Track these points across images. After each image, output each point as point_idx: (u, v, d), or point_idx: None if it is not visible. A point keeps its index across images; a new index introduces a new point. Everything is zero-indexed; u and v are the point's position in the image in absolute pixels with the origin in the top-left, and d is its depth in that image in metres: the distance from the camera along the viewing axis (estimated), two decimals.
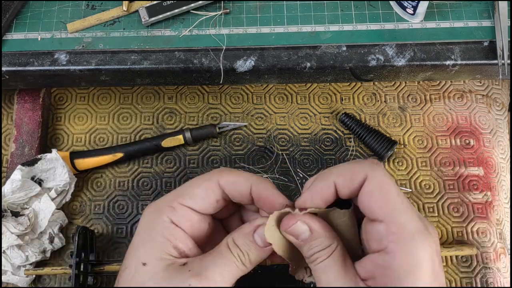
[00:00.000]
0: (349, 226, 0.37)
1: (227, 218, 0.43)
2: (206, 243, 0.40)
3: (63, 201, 0.59)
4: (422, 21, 0.54)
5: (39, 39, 0.55)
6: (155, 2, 0.55)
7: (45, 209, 0.56)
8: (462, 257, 0.58)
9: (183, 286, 0.33)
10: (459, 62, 0.53)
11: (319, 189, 0.36)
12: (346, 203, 0.37)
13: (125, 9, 0.55)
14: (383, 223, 0.33)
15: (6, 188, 0.55)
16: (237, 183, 0.38)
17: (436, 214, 0.59)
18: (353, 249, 0.37)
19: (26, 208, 0.56)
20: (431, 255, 0.32)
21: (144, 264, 0.34)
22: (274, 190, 0.38)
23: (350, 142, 0.63)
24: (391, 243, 0.32)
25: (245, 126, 0.63)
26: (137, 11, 0.55)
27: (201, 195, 0.37)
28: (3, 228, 0.53)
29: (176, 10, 0.54)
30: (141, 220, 0.37)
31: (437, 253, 0.33)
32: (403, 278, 0.31)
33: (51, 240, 0.56)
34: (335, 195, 0.36)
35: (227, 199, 0.39)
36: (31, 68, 0.53)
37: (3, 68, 0.53)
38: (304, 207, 0.36)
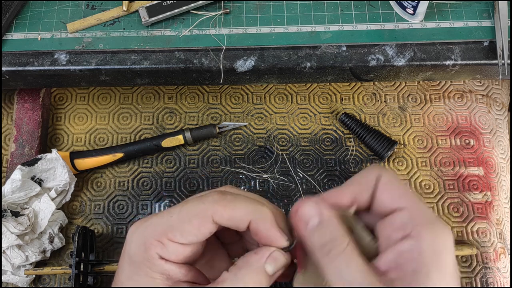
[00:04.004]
0: (360, 231, 0.35)
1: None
2: (202, 258, 0.38)
3: (63, 201, 0.59)
4: (422, 21, 0.54)
5: (39, 39, 0.55)
6: (155, 2, 0.55)
7: (45, 209, 0.56)
8: (462, 257, 0.58)
9: None
10: (459, 62, 0.53)
11: (334, 195, 0.34)
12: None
13: (125, 9, 0.55)
14: (405, 210, 0.32)
15: (6, 188, 0.55)
16: (233, 220, 0.34)
17: (436, 214, 0.59)
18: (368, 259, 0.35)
19: (26, 208, 0.56)
20: (451, 241, 0.32)
21: None
22: (275, 229, 0.35)
23: (350, 142, 0.63)
24: (417, 227, 0.31)
25: (245, 126, 0.63)
26: (137, 11, 0.55)
27: (193, 232, 0.34)
28: (3, 228, 0.53)
29: (176, 10, 0.54)
30: (125, 251, 0.35)
31: None
32: (432, 259, 0.30)
33: (51, 240, 0.56)
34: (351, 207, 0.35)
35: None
36: (31, 68, 0.53)
37: (3, 68, 0.53)
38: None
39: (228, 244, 0.41)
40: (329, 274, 0.32)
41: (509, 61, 0.52)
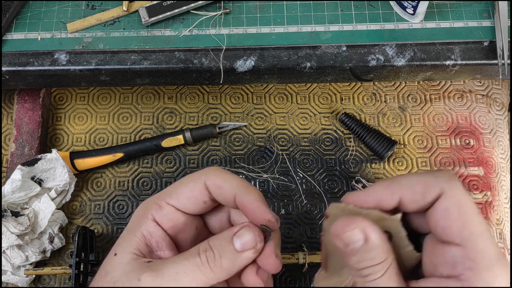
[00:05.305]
0: (402, 239, 0.32)
1: (213, 215, 0.41)
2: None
3: (63, 201, 0.59)
4: (422, 21, 0.54)
5: (39, 39, 0.55)
6: (155, 2, 0.55)
7: (45, 209, 0.56)
8: None
9: (136, 278, 0.33)
10: (459, 62, 0.53)
11: (378, 196, 0.32)
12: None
13: (125, 9, 0.55)
14: (459, 247, 0.29)
15: (6, 188, 0.55)
16: (222, 188, 0.36)
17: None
18: (404, 266, 0.33)
19: (26, 208, 0.56)
20: (507, 285, 0.29)
21: (115, 254, 0.35)
22: (260, 203, 0.35)
23: (350, 142, 0.63)
24: (467, 271, 0.29)
25: (245, 126, 0.63)
26: (137, 11, 0.55)
27: (187, 195, 0.36)
28: (3, 228, 0.53)
29: (176, 10, 0.54)
30: (133, 215, 0.38)
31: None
32: None
33: (51, 240, 0.56)
34: (395, 208, 0.32)
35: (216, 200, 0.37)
36: (31, 68, 0.53)
37: (3, 68, 0.53)
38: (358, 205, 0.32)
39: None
40: None
41: (509, 61, 0.52)
